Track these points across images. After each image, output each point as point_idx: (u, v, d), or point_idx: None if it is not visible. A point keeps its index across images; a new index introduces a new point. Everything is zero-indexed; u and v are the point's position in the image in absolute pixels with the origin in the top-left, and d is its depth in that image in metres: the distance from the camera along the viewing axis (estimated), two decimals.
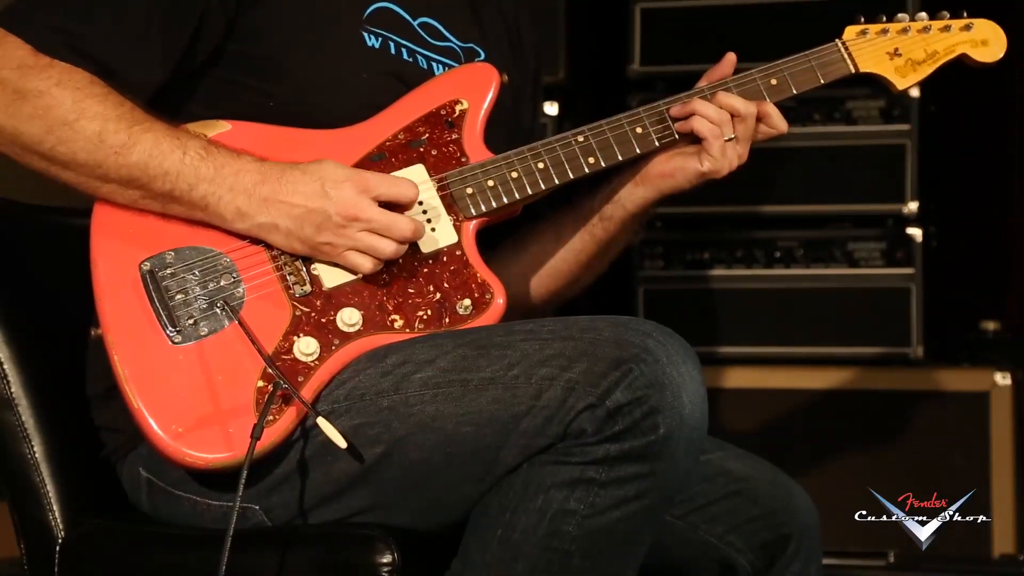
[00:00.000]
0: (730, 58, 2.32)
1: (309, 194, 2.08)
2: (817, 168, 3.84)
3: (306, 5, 2.22)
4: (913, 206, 3.83)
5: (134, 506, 2.21)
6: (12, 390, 2.22)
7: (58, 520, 2.21)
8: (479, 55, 2.41)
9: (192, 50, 2.18)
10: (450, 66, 2.35)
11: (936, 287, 3.93)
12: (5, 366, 2.23)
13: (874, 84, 2.38)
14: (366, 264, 2.10)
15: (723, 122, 2.25)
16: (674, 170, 2.29)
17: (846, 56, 2.33)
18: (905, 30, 2.35)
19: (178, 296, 2.08)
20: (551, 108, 3.91)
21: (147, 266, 2.09)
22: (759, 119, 2.28)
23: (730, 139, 2.26)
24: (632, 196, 2.34)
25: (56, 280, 2.26)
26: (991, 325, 3.91)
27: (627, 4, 3.98)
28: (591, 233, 2.38)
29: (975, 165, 4.16)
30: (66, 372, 2.24)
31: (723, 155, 2.26)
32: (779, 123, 2.29)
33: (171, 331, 2.07)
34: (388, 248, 2.10)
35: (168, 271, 2.09)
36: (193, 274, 2.09)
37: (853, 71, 2.33)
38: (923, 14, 2.36)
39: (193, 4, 2.16)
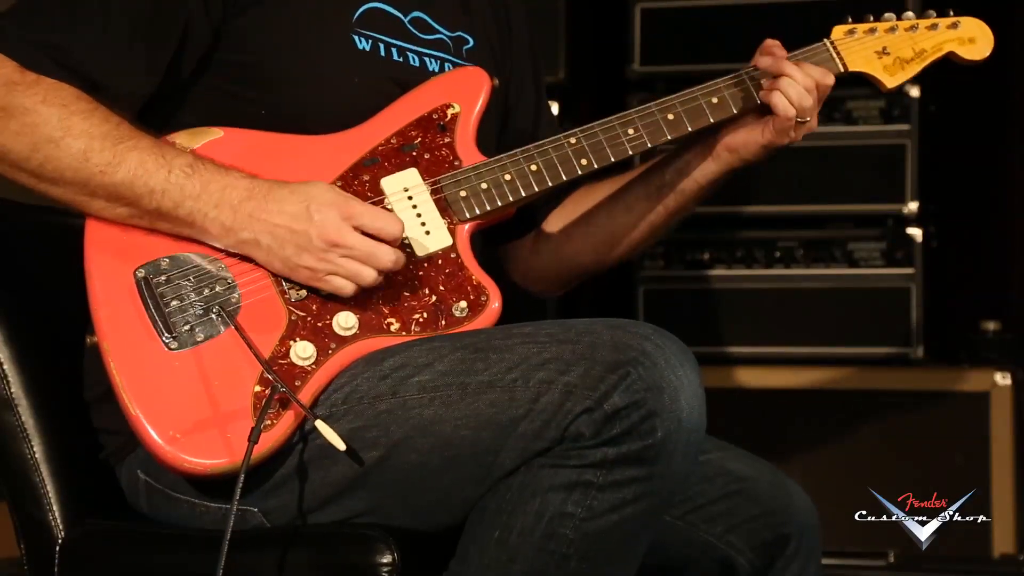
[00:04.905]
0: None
1: (293, 214, 2.07)
2: (817, 168, 3.85)
3: (294, 10, 2.22)
4: (913, 206, 3.83)
5: (133, 507, 2.21)
6: (12, 391, 2.22)
7: (58, 520, 2.21)
8: (468, 43, 2.41)
9: (179, 59, 2.17)
10: (442, 58, 2.35)
11: (936, 287, 3.93)
12: (5, 366, 2.22)
13: (867, 83, 2.39)
14: (346, 288, 2.09)
15: (804, 103, 2.27)
16: (738, 144, 2.32)
17: (835, 55, 2.34)
18: (892, 29, 2.36)
19: (173, 303, 2.08)
20: (551, 108, 3.90)
21: (141, 273, 2.09)
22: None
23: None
24: (704, 170, 2.36)
25: (56, 280, 2.25)
26: (991, 325, 3.91)
27: (627, 4, 3.99)
28: (663, 204, 2.40)
29: (975, 165, 4.17)
30: (66, 372, 2.23)
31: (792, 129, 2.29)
32: (824, 77, 2.29)
33: (167, 338, 2.06)
34: (368, 276, 2.08)
35: (163, 278, 2.09)
36: (188, 280, 2.09)
37: (842, 70, 2.34)
38: (910, 13, 2.37)
39: (177, 12, 2.15)
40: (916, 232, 3.85)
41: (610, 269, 2.53)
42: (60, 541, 2.21)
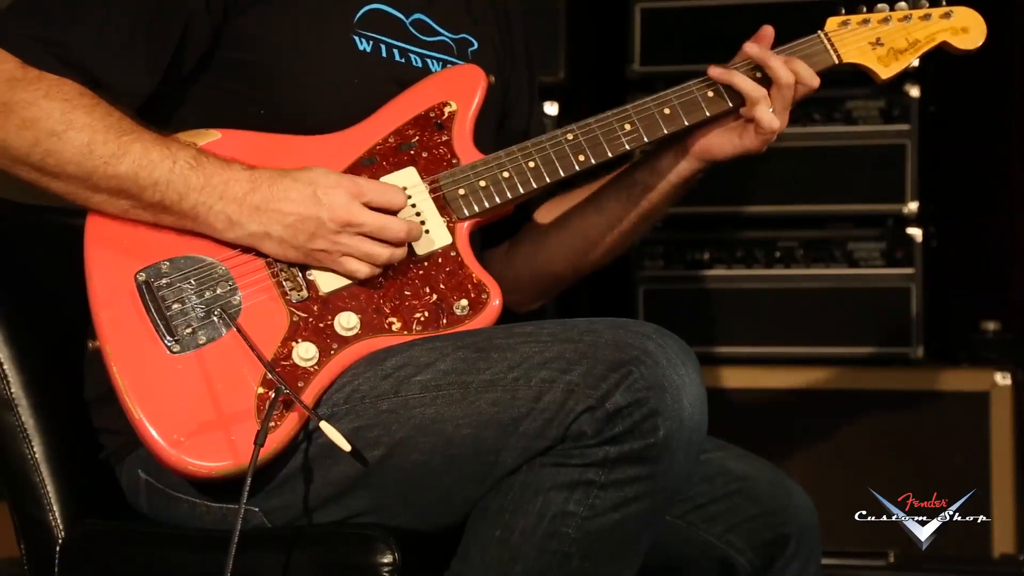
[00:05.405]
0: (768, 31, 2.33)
1: (301, 201, 2.08)
2: (817, 168, 3.85)
3: (295, 11, 2.22)
4: (913, 206, 3.83)
5: (133, 507, 2.21)
6: (12, 391, 2.22)
7: (58, 520, 2.21)
8: (472, 45, 2.41)
9: (179, 58, 2.17)
10: (445, 60, 2.35)
11: (936, 287, 3.93)
12: (5, 366, 2.22)
13: (870, 81, 2.39)
14: (362, 270, 2.10)
15: (761, 97, 2.26)
16: (712, 144, 2.31)
17: (829, 47, 2.33)
18: (886, 20, 2.36)
19: (175, 306, 2.08)
20: (551, 108, 3.91)
21: (142, 276, 2.09)
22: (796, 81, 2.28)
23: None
24: (675, 167, 2.35)
25: (56, 280, 2.25)
26: (991, 325, 3.91)
27: (627, 4, 3.99)
28: (635, 203, 2.39)
29: (975, 165, 4.17)
30: (66, 372, 2.23)
31: (762, 131, 2.27)
32: (811, 79, 2.29)
33: (169, 341, 2.06)
34: (383, 253, 2.10)
35: (164, 281, 2.09)
36: (189, 283, 2.09)
37: (836, 62, 2.33)
38: (903, 3, 2.37)
39: (178, 11, 2.15)
40: (916, 232, 3.85)
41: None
42: (60, 541, 2.21)
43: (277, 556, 2.06)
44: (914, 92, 3.83)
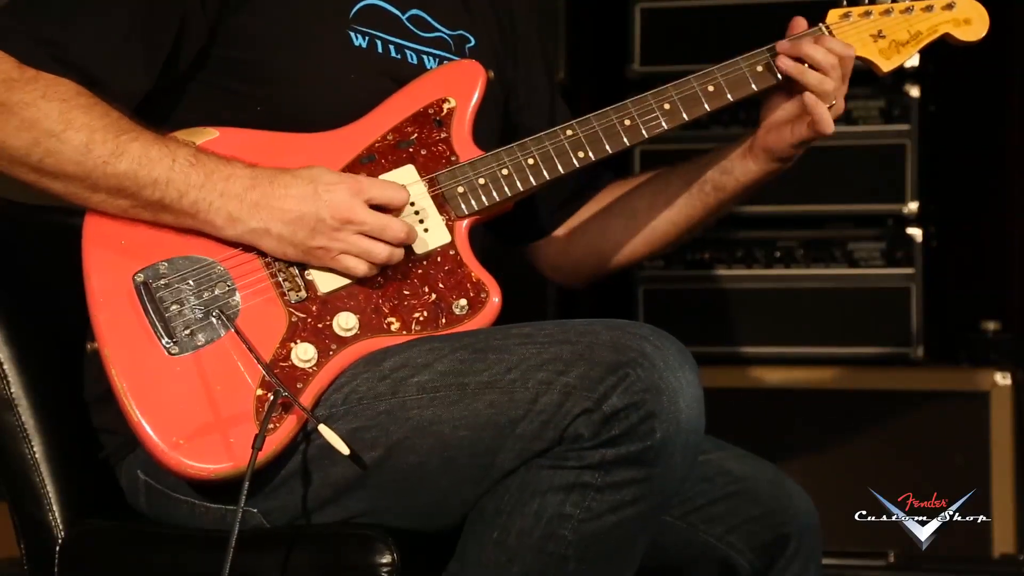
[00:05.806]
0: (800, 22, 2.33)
1: (301, 197, 2.08)
2: (817, 168, 3.84)
3: (290, 7, 2.22)
4: (913, 206, 3.83)
5: (133, 507, 2.21)
6: (12, 391, 2.22)
7: (58, 520, 2.21)
8: (469, 42, 2.41)
9: (176, 56, 2.17)
10: (441, 56, 2.35)
11: (936, 287, 3.93)
12: (5, 366, 2.22)
13: (870, 81, 2.38)
14: (360, 268, 2.10)
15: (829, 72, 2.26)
16: (770, 143, 2.32)
17: None
18: (888, 11, 2.35)
19: (173, 307, 2.08)
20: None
21: (141, 277, 2.09)
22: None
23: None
24: (743, 168, 2.36)
25: (56, 280, 2.25)
26: (991, 325, 3.90)
27: (627, 4, 3.99)
28: (703, 201, 2.41)
29: (975, 165, 4.17)
30: (66, 372, 2.24)
31: (823, 114, 2.26)
32: (844, 50, 2.28)
33: (167, 342, 2.06)
34: (382, 252, 2.10)
35: (162, 282, 2.09)
36: (187, 284, 2.09)
37: None
38: None
39: (173, 10, 2.15)
40: (916, 232, 3.85)
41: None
42: (60, 541, 2.21)
43: (276, 556, 2.06)
44: (914, 92, 3.83)
